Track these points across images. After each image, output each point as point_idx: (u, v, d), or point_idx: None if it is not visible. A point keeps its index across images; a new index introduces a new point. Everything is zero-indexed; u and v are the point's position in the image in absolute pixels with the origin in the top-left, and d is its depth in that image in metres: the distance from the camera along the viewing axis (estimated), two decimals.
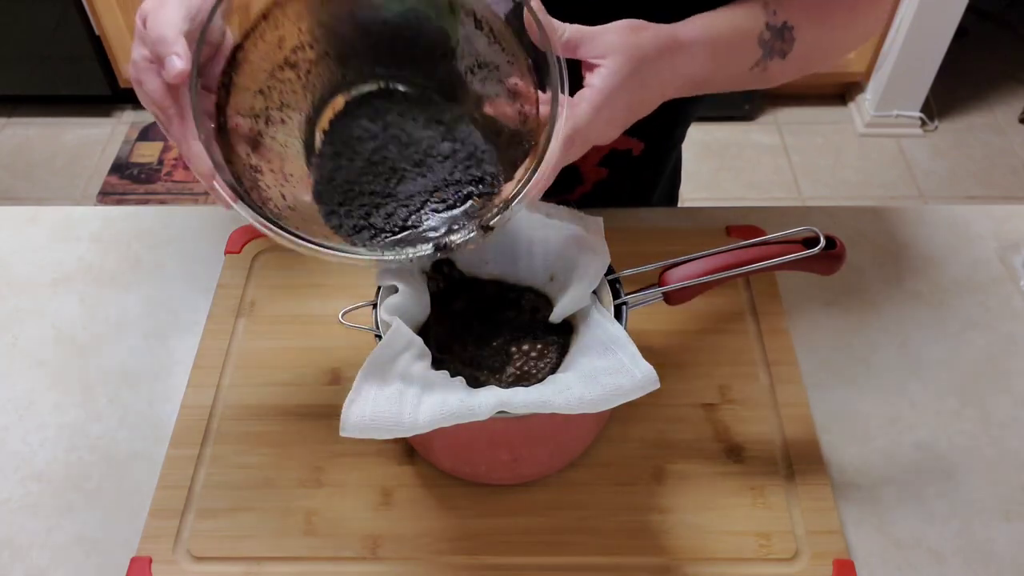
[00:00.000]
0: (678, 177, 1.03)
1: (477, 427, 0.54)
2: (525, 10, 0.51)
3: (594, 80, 0.55)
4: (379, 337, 0.58)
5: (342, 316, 0.60)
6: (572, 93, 0.54)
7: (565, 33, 0.55)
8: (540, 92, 0.55)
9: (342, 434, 0.53)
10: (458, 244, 0.54)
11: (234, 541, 0.62)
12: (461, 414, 0.52)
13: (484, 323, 0.64)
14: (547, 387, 0.55)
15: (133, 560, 0.61)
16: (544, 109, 0.54)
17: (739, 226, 0.82)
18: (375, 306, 0.61)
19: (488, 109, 0.58)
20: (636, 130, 0.74)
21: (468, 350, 0.63)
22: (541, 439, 0.61)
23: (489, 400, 0.53)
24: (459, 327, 0.64)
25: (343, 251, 0.53)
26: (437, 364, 0.60)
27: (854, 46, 0.71)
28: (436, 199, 0.58)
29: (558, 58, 0.52)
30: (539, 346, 0.63)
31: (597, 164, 0.82)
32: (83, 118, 2.37)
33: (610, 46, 0.55)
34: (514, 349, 0.63)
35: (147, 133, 2.33)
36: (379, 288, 0.61)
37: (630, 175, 0.86)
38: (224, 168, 0.50)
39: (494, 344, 0.63)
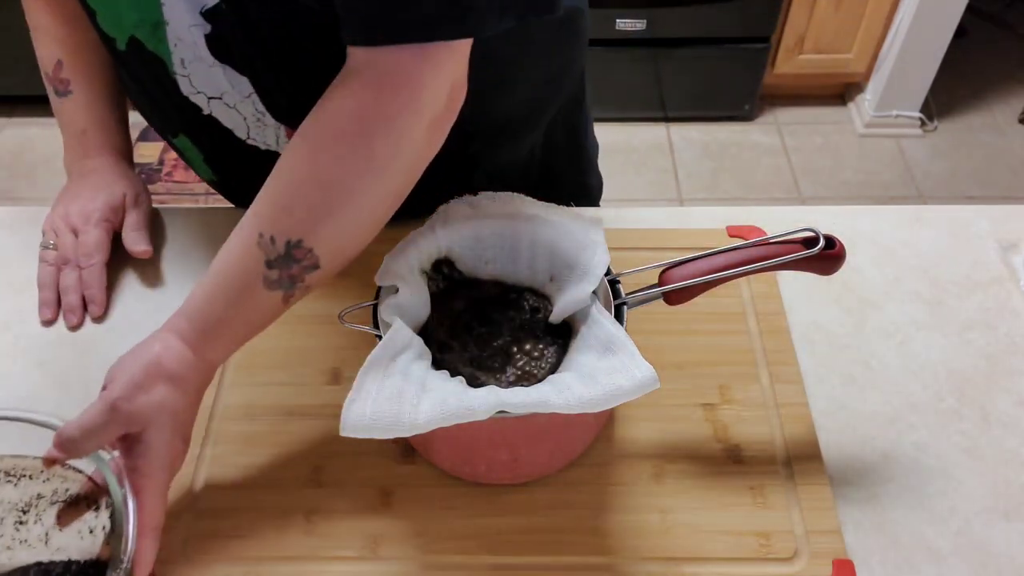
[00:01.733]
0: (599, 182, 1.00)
1: (477, 427, 0.54)
2: None
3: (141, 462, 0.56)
4: (379, 337, 0.58)
5: (342, 316, 0.60)
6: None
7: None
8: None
9: (342, 434, 0.53)
10: None
11: (234, 541, 0.62)
12: (461, 414, 0.52)
13: (484, 323, 0.64)
14: (547, 387, 0.55)
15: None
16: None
17: (739, 226, 0.82)
18: (375, 306, 0.61)
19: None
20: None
21: (468, 350, 0.63)
22: (541, 439, 0.61)
23: (489, 400, 0.53)
24: (459, 327, 0.64)
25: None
26: (437, 364, 0.60)
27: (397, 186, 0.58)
28: None
29: None
30: (539, 346, 0.63)
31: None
32: None
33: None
34: (514, 349, 0.63)
35: (147, 133, 2.33)
36: (379, 288, 0.61)
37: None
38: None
39: (494, 344, 0.63)
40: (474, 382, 0.59)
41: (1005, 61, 2.56)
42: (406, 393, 0.54)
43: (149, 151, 2.28)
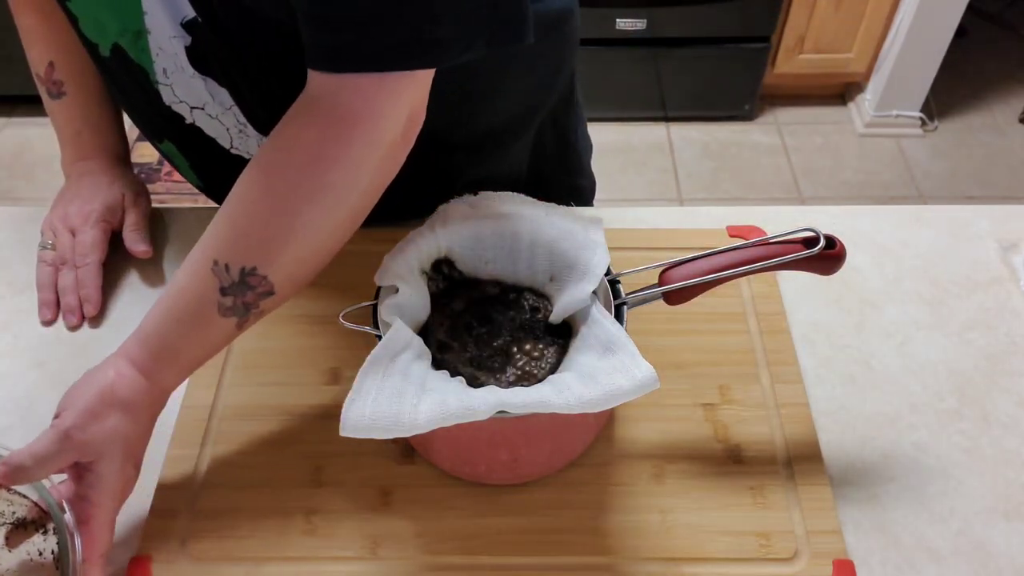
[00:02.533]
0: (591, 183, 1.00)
1: (477, 427, 0.54)
2: None
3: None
4: (379, 337, 0.58)
5: (342, 316, 0.60)
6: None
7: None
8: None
9: (342, 434, 0.53)
10: None
11: (234, 541, 0.62)
12: (461, 414, 0.52)
13: (484, 323, 0.64)
14: (547, 387, 0.55)
15: (133, 560, 0.61)
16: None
17: (739, 226, 0.82)
18: (375, 306, 0.61)
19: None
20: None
21: (468, 350, 0.63)
22: (541, 439, 0.61)
23: (489, 400, 0.53)
24: (459, 327, 0.64)
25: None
26: (437, 364, 0.60)
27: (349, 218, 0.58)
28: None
29: None
30: (539, 346, 0.63)
31: None
32: None
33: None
34: (514, 349, 0.63)
35: None
36: (379, 288, 0.61)
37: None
38: None
39: (494, 344, 0.63)
40: (474, 382, 0.59)
41: (1005, 61, 2.56)
42: (406, 393, 0.54)
43: (149, 151, 2.28)
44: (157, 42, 0.66)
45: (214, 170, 0.80)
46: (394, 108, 0.55)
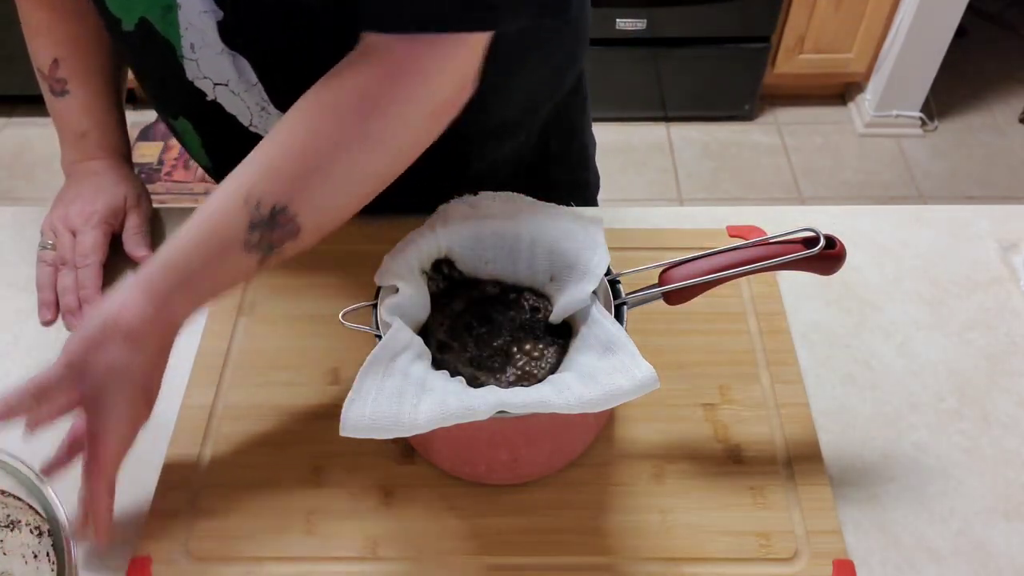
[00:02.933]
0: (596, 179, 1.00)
1: (477, 427, 0.54)
2: None
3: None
4: (379, 337, 0.58)
5: (342, 316, 0.60)
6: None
7: None
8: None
9: (342, 434, 0.53)
10: None
11: (234, 541, 0.62)
12: (461, 414, 0.52)
13: (484, 323, 0.64)
14: (547, 387, 0.55)
15: (133, 560, 0.61)
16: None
17: (739, 226, 0.82)
18: (375, 306, 0.61)
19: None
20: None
21: (468, 350, 0.63)
22: (541, 439, 0.61)
23: (489, 400, 0.53)
24: (459, 327, 0.64)
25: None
26: (437, 364, 0.60)
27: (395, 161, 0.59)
28: None
29: None
30: (539, 346, 0.63)
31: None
32: None
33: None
34: (514, 349, 0.63)
35: (147, 133, 2.33)
36: (379, 288, 0.61)
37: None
38: None
39: (494, 344, 0.63)
40: (474, 382, 0.59)
41: (1005, 61, 2.56)
42: (406, 393, 0.54)
43: (149, 151, 2.28)
44: (187, 17, 0.67)
45: (228, 149, 0.79)
46: (444, 71, 0.57)
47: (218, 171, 0.85)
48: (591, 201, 0.99)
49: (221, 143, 0.80)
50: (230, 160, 0.81)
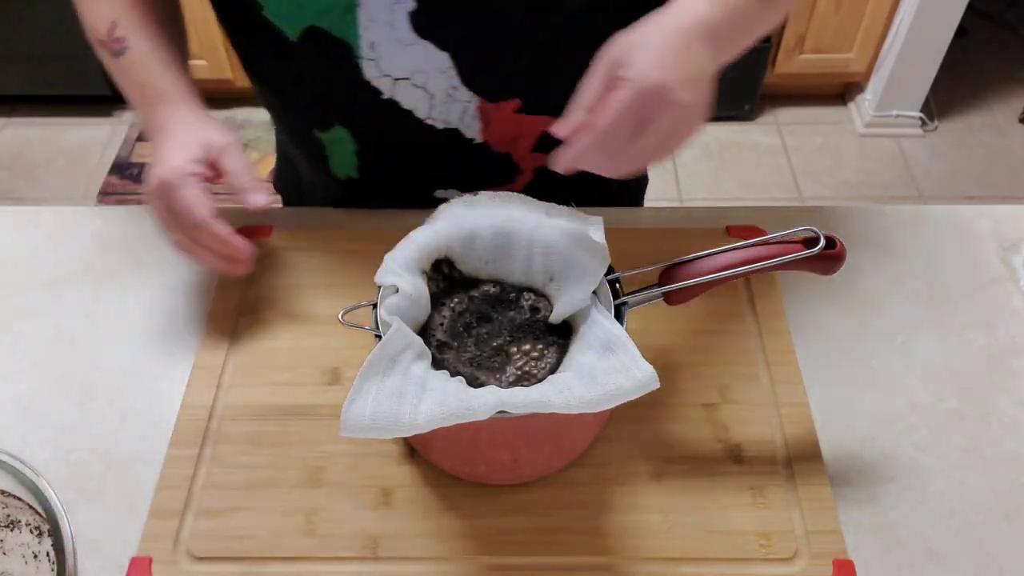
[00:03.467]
0: (644, 177, 1.02)
1: (477, 427, 0.54)
2: None
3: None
4: (379, 337, 0.58)
5: (342, 316, 0.60)
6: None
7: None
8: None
9: (341, 434, 0.53)
10: None
11: (234, 541, 0.62)
12: (461, 414, 0.52)
13: (484, 323, 0.64)
14: (547, 387, 0.55)
15: (133, 560, 0.61)
16: None
17: (739, 226, 0.82)
18: (375, 306, 0.61)
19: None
20: (562, 110, 0.71)
21: (468, 350, 0.63)
22: (541, 439, 0.61)
23: (489, 400, 0.53)
24: (459, 327, 0.64)
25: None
26: (437, 364, 0.60)
27: None
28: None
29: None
30: (539, 346, 0.63)
31: (532, 150, 0.81)
32: (83, 118, 2.37)
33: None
34: (514, 349, 0.63)
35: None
36: (379, 288, 0.61)
37: None
38: None
39: (494, 344, 0.63)
40: (474, 382, 0.59)
41: (1005, 61, 2.56)
42: (406, 393, 0.54)
43: (149, 151, 2.28)
44: (369, 14, 0.67)
45: (385, 152, 0.80)
46: None
47: (363, 180, 0.85)
48: (640, 197, 1.00)
49: (379, 147, 0.80)
50: (381, 166, 0.81)
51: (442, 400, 0.53)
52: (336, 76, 0.73)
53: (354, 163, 0.83)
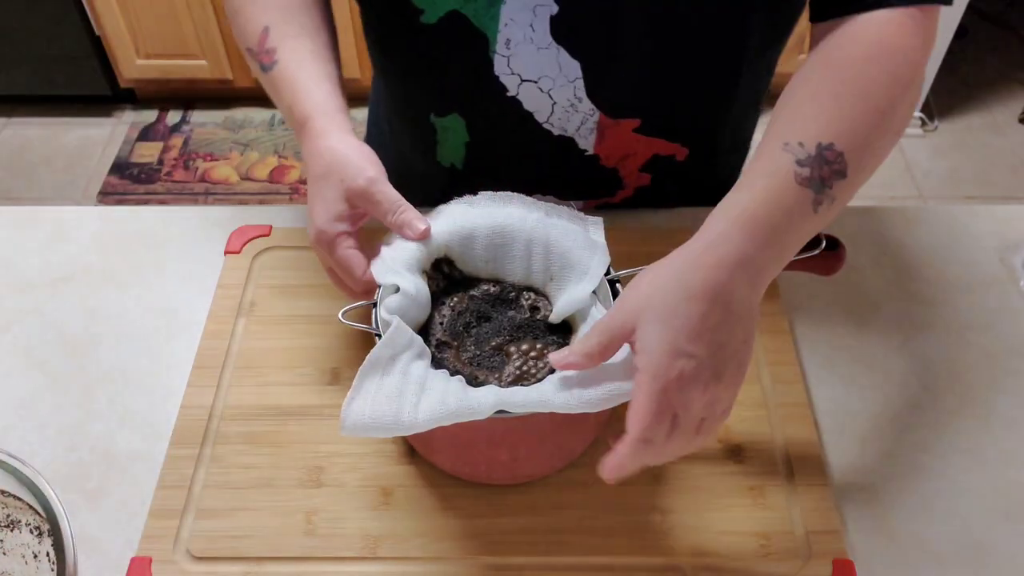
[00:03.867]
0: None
1: (477, 427, 0.54)
2: None
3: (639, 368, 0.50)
4: (379, 336, 0.58)
5: (342, 315, 0.60)
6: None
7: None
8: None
9: (342, 433, 0.53)
10: None
11: (234, 541, 0.62)
12: (460, 413, 0.52)
13: (484, 322, 0.64)
14: (546, 386, 0.55)
15: (133, 560, 0.61)
16: None
17: None
18: (375, 306, 0.61)
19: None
20: (678, 135, 0.74)
21: (468, 350, 0.63)
22: (541, 439, 0.61)
23: (488, 399, 0.53)
24: (458, 326, 0.64)
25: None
26: (436, 363, 0.60)
27: (912, 109, 0.62)
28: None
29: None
30: (539, 346, 0.63)
31: (639, 169, 0.82)
32: (83, 118, 2.37)
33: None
34: (513, 349, 0.63)
35: (147, 133, 2.33)
36: (379, 288, 0.61)
37: (673, 180, 0.84)
38: None
39: (494, 344, 0.63)
40: (473, 381, 0.59)
41: (1005, 61, 2.56)
42: (406, 392, 0.54)
43: (149, 151, 2.28)
44: (511, 11, 0.67)
45: (495, 149, 0.80)
46: (929, 39, 0.62)
47: (465, 171, 0.83)
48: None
49: (492, 142, 0.80)
50: (488, 161, 0.82)
51: (442, 399, 0.53)
52: (466, 65, 0.72)
53: (462, 154, 0.82)
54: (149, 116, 2.38)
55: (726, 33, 0.71)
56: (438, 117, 0.79)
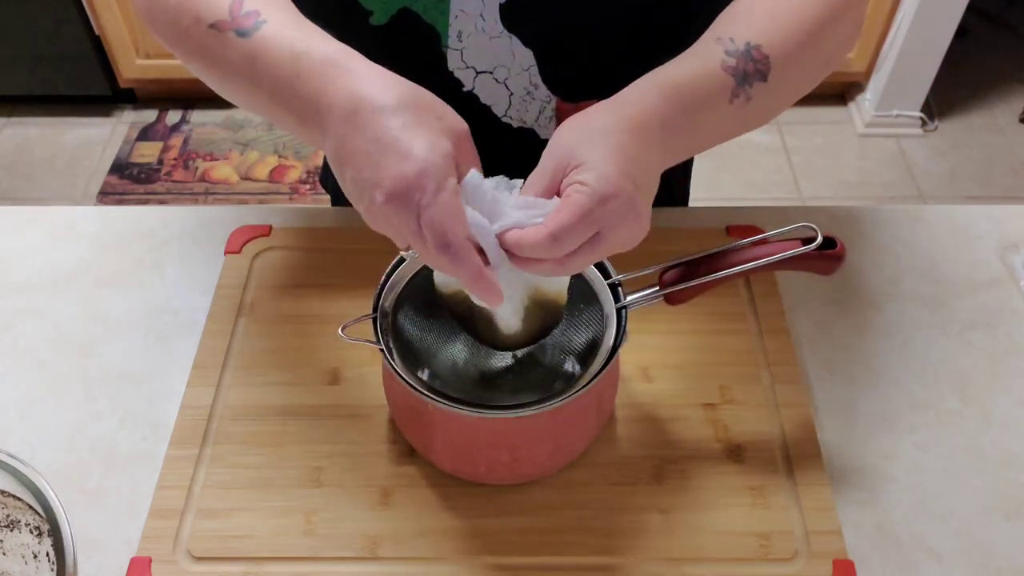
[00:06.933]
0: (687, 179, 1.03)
1: (477, 427, 0.54)
2: None
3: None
4: (381, 350, 0.58)
5: (342, 331, 0.58)
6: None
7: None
8: None
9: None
10: None
11: (234, 541, 0.62)
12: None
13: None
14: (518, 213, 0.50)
15: (133, 560, 0.61)
16: None
17: (739, 226, 0.82)
18: (375, 319, 0.60)
19: None
20: None
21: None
22: (541, 439, 0.61)
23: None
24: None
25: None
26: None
27: (844, 42, 0.63)
28: None
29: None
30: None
31: None
32: (83, 118, 2.37)
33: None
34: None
35: (147, 133, 2.33)
36: (377, 301, 0.60)
37: None
38: None
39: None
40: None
41: (1005, 61, 2.56)
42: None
43: (149, 151, 2.28)
44: (461, 4, 0.68)
45: None
46: None
47: None
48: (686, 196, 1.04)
49: None
50: None
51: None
52: (419, 63, 0.70)
53: None
54: (149, 116, 2.38)
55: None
56: None
